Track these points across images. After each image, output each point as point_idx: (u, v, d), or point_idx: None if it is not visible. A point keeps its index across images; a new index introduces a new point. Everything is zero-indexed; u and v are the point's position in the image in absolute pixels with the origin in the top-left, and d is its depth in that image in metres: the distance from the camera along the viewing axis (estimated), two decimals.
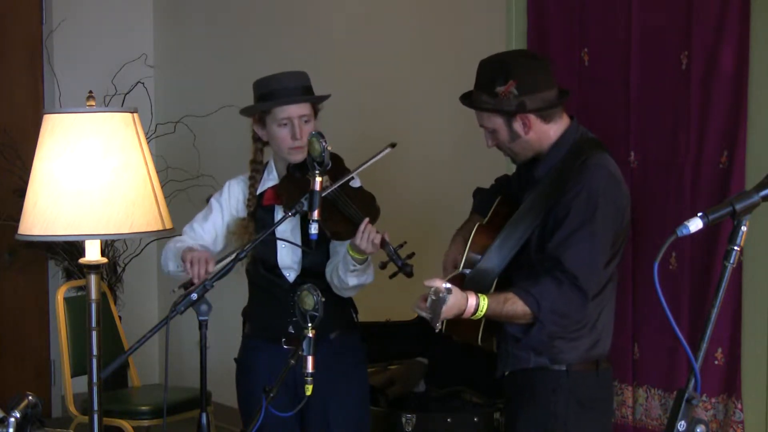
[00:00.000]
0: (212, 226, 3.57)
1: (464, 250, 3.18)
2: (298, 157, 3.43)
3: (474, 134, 3.77)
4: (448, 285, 2.82)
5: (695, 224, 1.97)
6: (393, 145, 3.33)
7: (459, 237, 3.28)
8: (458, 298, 2.89)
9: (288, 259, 3.51)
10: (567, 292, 2.97)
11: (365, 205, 3.38)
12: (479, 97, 3.13)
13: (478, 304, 2.92)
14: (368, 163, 3.35)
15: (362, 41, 5.39)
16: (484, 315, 2.95)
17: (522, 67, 3.10)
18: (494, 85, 3.08)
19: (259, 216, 3.52)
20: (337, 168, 3.41)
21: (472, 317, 2.94)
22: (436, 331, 2.91)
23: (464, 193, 3.50)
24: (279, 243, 3.47)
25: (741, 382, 3.56)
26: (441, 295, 2.79)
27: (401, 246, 3.24)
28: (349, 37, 5.45)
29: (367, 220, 3.25)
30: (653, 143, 3.77)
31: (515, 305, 2.96)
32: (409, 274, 3.20)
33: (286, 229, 3.45)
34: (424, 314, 2.92)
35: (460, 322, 3.04)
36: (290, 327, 3.46)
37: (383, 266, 3.28)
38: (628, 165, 3.79)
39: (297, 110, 3.45)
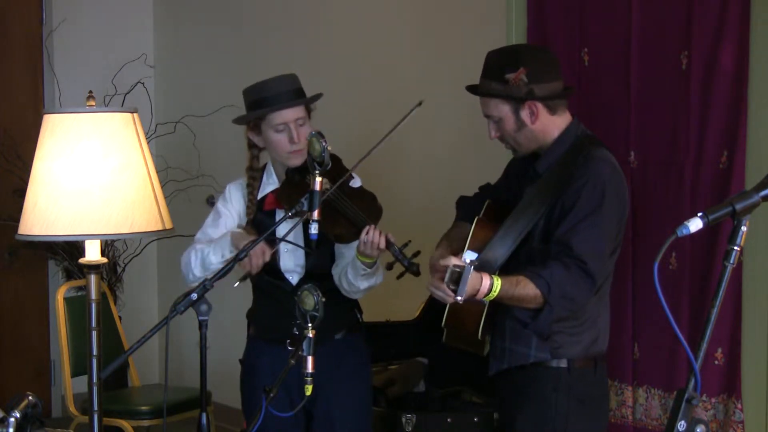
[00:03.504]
0: (225, 230, 3.54)
1: (449, 253, 3.19)
2: (298, 161, 3.42)
3: (474, 133, 3.77)
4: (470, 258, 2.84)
5: (695, 224, 1.97)
6: (420, 104, 3.31)
7: (444, 242, 3.28)
8: (474, 276, 2.90)
9: (291, 262, 3.50)
10: (575, 277, 2.99)
11: (366, 205, 3.37)
12: (488, 84, 3.14)
13: (492, 283, 2.93)
14: (400, 124, 3.31)
15: (361, 41, 5.39)
16: (497, 296, 2.95)
17: (532, 56, 3.15)
18: (504, 72, 3.10)
19: (260, 221, 3.50)
20: (336, 169, 3.40)
21: (485, 298, 2.95)
22: (460, 302, 2.89)
23: (464, 192, 3.50)
24: (281, 246, 3.47)
25: (741, 382, 3.56)
26: (465, 266, 2.80)
27: (406, 245, 3.24)
28: (349, 37, 5.45)
29: (370, 226, 3.24)
30: (653, 143, 3.77)
31: (527, 287, 2.98)
32: (416, 273, 3.20)
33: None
34: (440, 293, 2.90)
35: (462, 313, 3.05)
36: (294, 329, 3.45)
37: (390, 267, 3.28)
38: (628, 165, 3.79)
39: (292, 114, 3.44)
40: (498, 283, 2.94)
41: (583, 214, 3.03)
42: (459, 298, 2.84)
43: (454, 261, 2.84)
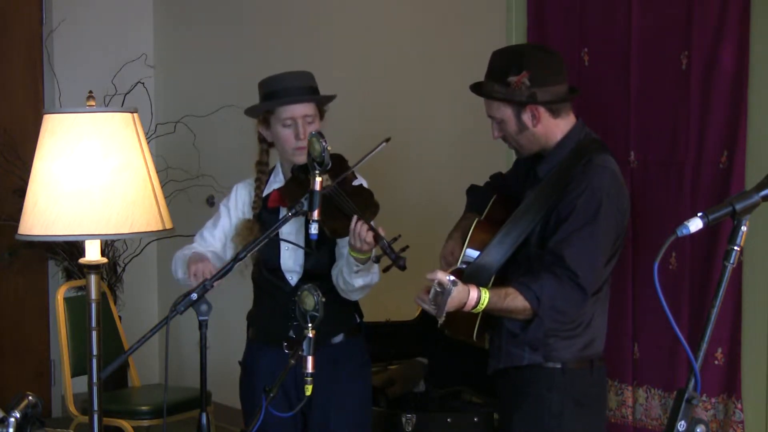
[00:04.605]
0: (221, 232, 3.56)
1: (462, 245, 3.19)
2: (302, 158, 3.40)
3: (474, 132, 3.77)
4: (453, 277, 2.83)
5: (695, 224, 1.97)
6: (388, 140, 3.31)
7: (456, 233, 3.29)
8: (460, 290, 2.90)
9: (291, 261, 3.50)
10: (567, 289, 2.98)
11: (363, 201, 3.36)
12: (491, 86, 3.13)
13: (479, 297, 2.93)
14: (365, 159, 3.33)
15: (362, 41, 5.39)
16: (485, 309, 2.95)
17: (536, 59, 3.12)
18: (507, 75, 3.09)
19: (264, 218, 3.51)
20: (340, 168, 3.39)
21: (473, 310, 2.95)
22: (441, 321, 2.91)
23: (463, 191, 3.51)
24: (282, 245, 3.47)
25: (741, 382, 3.56)
26: (447, 287, 2.80)
27: (395, 239, 3.23)
28: (349, 37, 5.45)
29: (356, 217, 3.22)
30: (653, 143, 3.77)
31: (516, 300, 2.97)
32: (402, 267, 3.19)
33: (291, 231, 3.44)
34: (426, 306, 2.92)
35: (457, 317, 3.04)
36: (291, 331, 3.45)
37: (377, 260, 3.27)
38: (628, 165, 3.79)
39: (300, 110, 3.44)
40: (486, 296, 2.94)
41: (578, 225, 3.01)
42: (439, 319, 2.86)
43: (440, 277, 2.83)
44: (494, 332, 3.18)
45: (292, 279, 3.50)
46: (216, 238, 3.57)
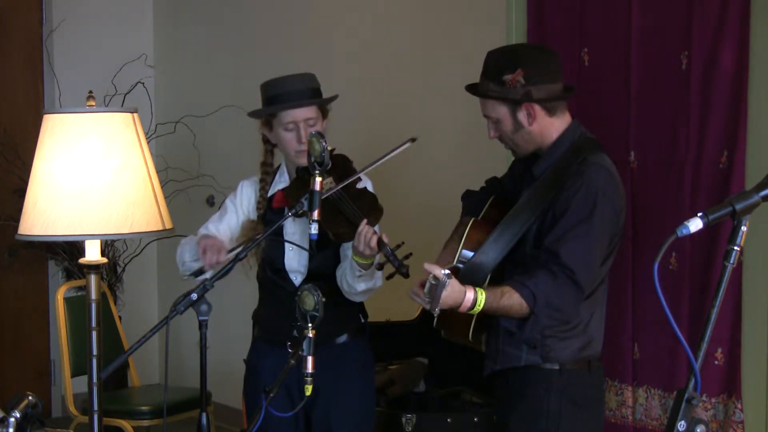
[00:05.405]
0: (227, 227, 3.56)
1: (456, 253, 3.18)
2: (305, 160, 3.41)
3: (476, 134, 3.77)
4: (448, 271, 2.82)
5: (695, 224, 1.97)
6: (413, 140, 3.30)
7: (455, 236, 3.28)
8: (456, 290, 2.89)
9: (295, 261, 3.50)
10: (563, 286, 2.98)
11: (367, 205, 3.36)
12: (486, 85, 3.14)
13: (476, 298, 2.92)
14: (386, 157, 3.30)
15: (362, 42, 5.39)
16: (482, 309, 2.95)
17: (531, 57, 3.12)
18: (502, 74, 3.09)
19: (268, 218, 3.50)
20: (344, 169, 3.39)
21: (469, 311, 2.94)
22: (435, 315, 2.91)
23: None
24: (287, 246, 3.47)
25: (741, 382, 3.56)
26: (441, 279, 2.79)
27: (399, 246, 3.23)
28: (349, 38, 5.45)
29: (363, 222, 3.23)
30: (653, 143, 3.77)
31: (512, 298, 2.97)
32: (406, 275, 3.19)
33: (295, 231, 3.44)
34: (419, 300, 2.93)
35: (452, 318, 3.04)
36: (294, 331, 3.45)
37: (380, 267, 3.28)
38: (628, 165, 3.79)
39: (302, 114, 3.44)
40: (482, 297, 2.93)
41: (574, 222, 3.01)
42: (434, 312, 2.86)
43: (435, 270, 2.83)
44: (490, 333, 3.18)
45: (297, 279, 3.50)
46: (221, 231, 3.55)
